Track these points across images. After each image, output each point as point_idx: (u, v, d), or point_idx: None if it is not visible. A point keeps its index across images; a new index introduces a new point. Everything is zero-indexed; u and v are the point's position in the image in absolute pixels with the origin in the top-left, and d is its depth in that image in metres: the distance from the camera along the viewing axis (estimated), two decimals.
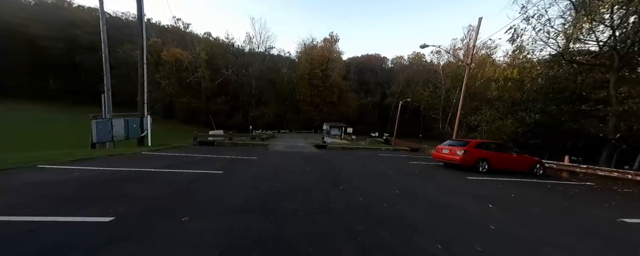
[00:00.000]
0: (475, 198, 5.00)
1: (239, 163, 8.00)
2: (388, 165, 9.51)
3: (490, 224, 3.47)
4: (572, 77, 12.82)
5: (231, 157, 9.29)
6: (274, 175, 6.14)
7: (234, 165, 7.42)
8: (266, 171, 6.72)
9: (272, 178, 5.74)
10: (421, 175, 7.54)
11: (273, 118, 47.85)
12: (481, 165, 8.70)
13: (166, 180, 5.04)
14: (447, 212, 3.96)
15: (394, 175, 7.31)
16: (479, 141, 9.18)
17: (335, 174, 6.76)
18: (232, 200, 3.87)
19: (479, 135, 17.17)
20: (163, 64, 39.26)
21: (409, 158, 12.73)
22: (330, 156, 11.61)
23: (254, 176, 5.94)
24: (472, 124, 17.20)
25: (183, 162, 7.61)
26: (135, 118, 12.61)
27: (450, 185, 6.21)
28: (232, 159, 8.82)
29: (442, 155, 9.55)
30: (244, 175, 6.02)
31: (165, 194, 4.01)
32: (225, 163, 7.66)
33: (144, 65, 12.75)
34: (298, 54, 57.17)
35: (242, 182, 5.27)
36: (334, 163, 8.97)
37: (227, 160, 8.40)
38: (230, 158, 8.94)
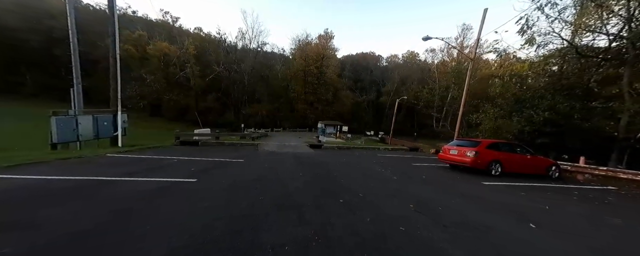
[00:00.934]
0: (508, 214, 4.06)
1: (220, 167, 6.85)
2: (390, 167, 8.54)
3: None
4: (579, 73, 12.18)
5: (213, 160, 8.12)
6: (259, 184, 5.05)
7: (213, 170, 6.27)
8: (251, 178, 5.61)
9: (255, 188, 4.65)
10: (431, 181, 6.58)
11: (266, 116, 46.43)
12: (494, 167, 7.84)
13: (114, 195, 3.86)
14: (486, 240, 2.96)
15: (401, 181, 6.32)
16: (490, 141, 8.31)
17: (332, 181, 5.72)
18: (192, 228, 2.76)
19: (481, 134, 16.49)
20: (149, 59, 37.19)
21: (410, 159, 11.83)
22: (325, 157, 10.58)
23: (234, 185, 4.83)
24: (473, 122, 16.49)
25: (152, 166, 6.40)
26: (108, 115, 11.21)
27: (468, 195, 5.26)
28: (214, 162, 7.65)
29: (450, 157, 8.65)
30: (221, 184, 4.90)
31: (92, 224, 2.75)
32: (203, 168, 6.50)
33: (116, 55, 11.34)
34: (292, 50, 55.83)
35: (216, 195, 4.15)
36: (330, 167, 7.93)
37: (207, 164, 7.23)
38: (212, 161, 7.77)
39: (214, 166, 6.95)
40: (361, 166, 8.54)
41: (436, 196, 4.88)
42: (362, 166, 8.55)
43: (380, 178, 6.45)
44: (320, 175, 6.42)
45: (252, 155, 9.94)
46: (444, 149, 9.10)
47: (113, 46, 11.35)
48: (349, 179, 6.05)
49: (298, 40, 52.89)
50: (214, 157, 8.89)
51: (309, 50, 48.95)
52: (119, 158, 7.57)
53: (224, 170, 6.47)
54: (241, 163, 7.81)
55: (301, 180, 5.67)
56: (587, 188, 6.96)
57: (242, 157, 9.30)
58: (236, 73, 43.92)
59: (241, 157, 9.12)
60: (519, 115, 12.72)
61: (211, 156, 9.05)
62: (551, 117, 10.93)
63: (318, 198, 4.22)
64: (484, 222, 3.55)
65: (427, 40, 12.57)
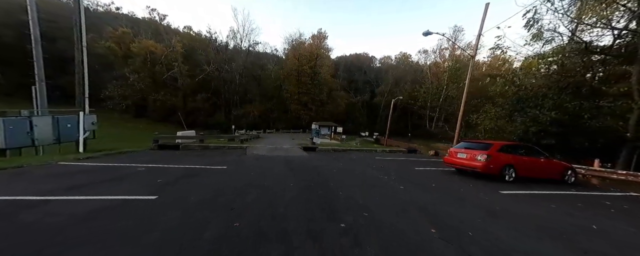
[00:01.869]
0: (553, 239, 3.19)
1: (195, 176, 5.76)
2: (392, 173, 7.65)
3: None
4: (583, 70, 11.71)
5: (190, 167, 7.00)
6: (239, 200, 4.02)
7: (184, 181, 5.18)
8: (230, 191, 4.57)
9: (231, 208, 3.62)
10: (442, 190, 5.70)
11: (259, 117, 45.06)
12: (507, 172, 7.06)
13: (21, 225, 2.76)
14: None
15: (409, 191, 5.41)
16: (502, 143, 7.55)
17: (330, 194, 4.75)
18: None
19: (480, 135, 15.91)
20: (133, 57, 35.29)
21: (411, 163, 11.01)
22: (320, 161, 9.60)
23: (204, 203, 3.78)
24: (473, 122, 15.90)
25: (109, 177, 5.26)
26: (72, 116, 9.86)
27: (492, 209, 4.39)
28: (190, 170, 6.54)
29: (457, 160, 7.84)
30: (187, 201, 3.85)
31: None
32: (173, 178, 5.40)
33: (82, 48, 10.04)
34: (285, 50, 54.77)
35: (175, 219, 3.10)
36: (326, 173, 6.95)
37: (180, 172, 6.12)
38: (188, 169, 6.66)
39: (188, 175, 5.84)
40: (360, 172, 7.60)
41: (456, 213, 3.98)
42: (361, 172, 7.61)
43: (385, 188, 5.52)
44: (315, 185, 5.43)
45: (238, 161, 8.85)
46: (451, 152, 8.29)
47: (79, 37, 10.00)
48: (349, 190, 5.09)
49: (291, 39, 51.96)
50: (193, 163, 7.77)
51: (303, 50, 48.01)
52: (72, 167, 6.35)
53: (199, 180, 5.39)
54: (223, 170, 6.73)
55: (292, 192, 4.67)
56: (614, 196, 6.25)
57: (225, 162, 8.20)
58: (227, 72, 42.51)
59: (225, 163, 8.02)
60: (522, 115, 12.13)
61: (189, 162, 7.91)
62: (558, 116, 10.36)
63: (313, 222, 3.24)
64: (530, 253, 2.66)
65: (427, 35, 11.85)
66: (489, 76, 17.92)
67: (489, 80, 16.74)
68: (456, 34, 49.87)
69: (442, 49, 52.76)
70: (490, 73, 18.31)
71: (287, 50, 53.86)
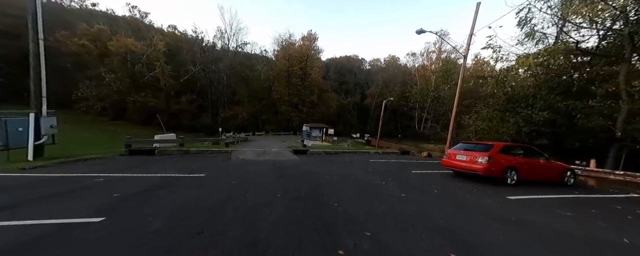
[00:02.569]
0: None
1: (166, 188, 4.89)
2: (390, 177, 7.09)
3: None
4: (572, 70, 11.80)
5: (161, 176, 6.09)
6: (213, 218, 3.25)
7: (150, 195, 4.33)
8: (203, 207, 3.78)
9: (201, 233, 2.85)
10: (447, 197, 5.18)
11: (247, 119, 43.61)
12: (509, 175, 6.69)
13: None
14: None
15: (412, 198, 4.84)
16: (503, 144, 7.20)
17: (323, 206, 4.06)
18: None
19: (472, 135, 15.84)
20: (110, 56, 33.04)
21: (406, 165, 10.56)
22: (312, 165, 8.91)
23: (169, 225, 2.98)
24: (465, 122, 15.81)
25: (52, 193, 4.29)
26: (25, 118, 8.56)
27: (506, 220, 3.89)
28: (160, 180, 5.64)
29: (457, 163, 7.41)
30: (146, 224, 3.03)
31: None
32: (135, 192, 4.52)
33: (38, 40, 8.78)
34: (275, 52, 53.75)
35: (122, 252, 2.31)
36: (319, 180, 6.27)
37: (146, 184, 5.22)
38: (157, 179, 5.75)
39: (156, 187, 4.97)
40: (356, 177, 6.98)
41: (472, 228, 3.42)
42: (357, 177, 6.99)
43: (385, 197, 4.91)
44: (306, 195, 4.73)
45: (220, 167, 7.97)
46: (449, 154, 7.86)
47: (34, 26, 8.75)
48: (346, 201, 4.44)
49: (281, 39, 51.05)
50: (166, 171, 6.84)
51: (293, 51, 47.27)
52: (11, 179, 5.28)
53: (167, 193, 4.53)
54: (199, 180, 5.88)
55: (279, 206, 3.94)
56: (620, 199, 6.00)
57: (205, 169, 7.32)
58: (214, 73, 40.91)
59: (204, 170, 7.14)
60: (514, 115, 12.06)
61: (163, 170, 6.97)
62: (551, 116, 10.29)
63: (302, 249, 2.54)
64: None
65: (421, 33, 11.54)
66: (478, 77, 18.02)
67: (480, 82, 16.75)
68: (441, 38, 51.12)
69: (429, 52, 54.24)
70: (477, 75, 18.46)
71: (277, 51, 52.96)
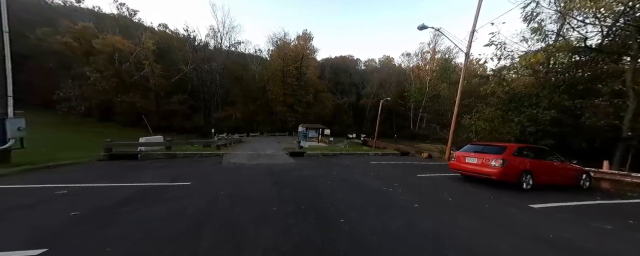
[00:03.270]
0: None
1: (139, 202, 4.13)
2: (395, 182, 6.48)
3: None
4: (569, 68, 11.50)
5: (138, 186, 5.31)
6: (189, 245, 2.55)
7: (116, 213, 3.57)
8: (178, 228, 3.06)
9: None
10: (465, 208, 4.59)
11: (242, 120, 42.56)
12: (525, 180, 6.18)
13: None
14: None
15: (427, 210, 4.23)
16: (517, 145, 6.67)
17: (328, 223, 3.40)
18: None
19: (473, 136, 15.46)
20: (96, 55, 31.54)
21: (410, 168, 9.99)
22: (310, 169, 8.23)
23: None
24: (466, 123, 15.40)
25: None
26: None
27: (545, 238, 3.31)
28: (137, 191, 4.87)
29: (466, 166, 6.86)
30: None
31: None
32: (102, 208, 3.76)
33: (3, 33, 7.79)
34: (270, 51, 52.84)
35: None
36: (319, 187, 5.60)
37: (119, 197, 4.44)
38: (135, 190, 4.97)
39: (127, 201, 4.20)
40: (360, 183, 6.34)
41: (508, 249, 2.82)
42: (361, 183, 6.35)
43: (397, 208, 4.28)
44: (306, 208, 4.05)
45: (209, 173, 7.21)
46: (458, 156, 7.31)
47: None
48: (353, 215, 3.78)
49: (275, 38, 50.06)
50: (147, 179, 6.04)
51: (288, 50, 46.51)
52: None
53: (138, 210, 3.78)
54: (182, 190, 5.12)
55: (274, 226, 3.26)
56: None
57: (191, 176, 6.55)
58: (206, 72, 39.72)
59: (190, 177, 6.37)
60: (518, 115, 11.68)
61: (143, 178, 6.18)
62: (558, 115, 9.92)
63: None
64: None
65: (422, 29, 11.05)
66: (476, 76, 17.71)
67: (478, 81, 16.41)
68: (436, 38, 51.92)
69: (424, 52, 54.52)
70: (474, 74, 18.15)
71: (272, 51, 52.08)
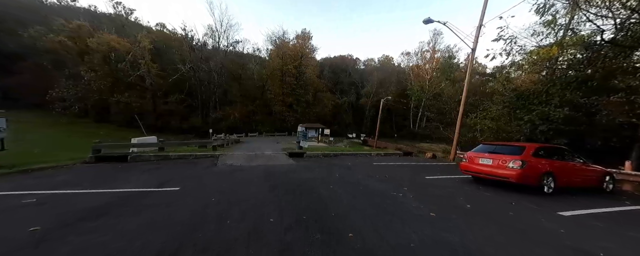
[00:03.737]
0: None
1: (109, 214, 3.58)
2: (404, 186, 5.96)
3: None
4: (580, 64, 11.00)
5: (123, 192, 4.76)
6: None
7: (83, 228, 3.01)
8: (155, 247, 2.52)
9: None
10: (487, 217, 4.07)
11: (240, 120, 41.97)
12: (546, 183, 5.67)
13: None
14: None
15: (445, 220, 3.70)
16: (536, 145, 6.15)
17: (335, 238, 2.86)
18: None
19: (478, 135, 14.98)
20: (91, 54, 30.85)
21: (415, 169, 9.48)
22: (311, 172, 7.70)
23: None
24: (471, 121, 14.92)
25: None
26: None
27: (581, 250, 2.79)
28: (117, 199, 4.32)
29: (480, 168, 6.34)
30: None
31: None
32: (65, 222, 3.20)
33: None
34: (268, 51, 52.22)
35: None
36: (322, 193, 5.06)
37: (94, 205, 3.89)
38: (115, 197, 4.42)
39: (99, 212, 3.65)
40: (366, 187, 5.81)
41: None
42: (367, 187, 5.82)
43: (412, 218, 3.75)
44: (308, 218, 3.52)
45: (202, 176, 6.66)
46: (470, 157, 6.79)
47: None
48: (364, 226, 3.25)
49: (274, 37, 49.39)
50: (130, 184, 5.49)
51: (287, 49, 45.93)
52: None
53: (112, 223, 3.23)
54: (168, 197, 4.58)
55: (270, 245, 2.72)
56: None
57: (182, 180, 6.00)
58: (204, 71, 39.09)
59: (180, 181, 5.82)
60: (527, 113, 11.18)
61: (126, 183, 5.62)
62: (572, 113, 9.42)
63: None
64: None
65: (428, 23, 10.53)
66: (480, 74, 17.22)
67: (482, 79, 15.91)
68: (435, 37, 51.70)
69: (423, 51, 54.20)
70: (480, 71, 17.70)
71: (271, 50, 51.50)
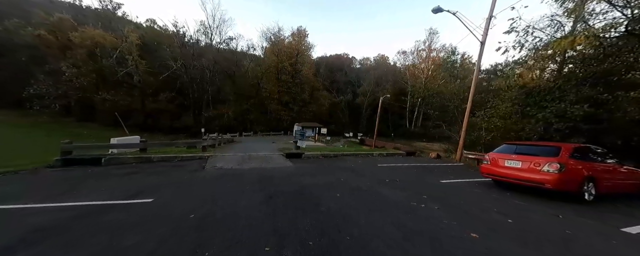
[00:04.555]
0: None
1: (47, 238, 2.59)
2: (422, 194, 5.11)
3: None
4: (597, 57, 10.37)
5: (74, 207, 3.74)
6: None
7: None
8: None
9: None
10: (535, 235, 3.23)
11: (234, 119, 40.65)
12: (587, 189, 4.90)
13: None
14: None
15: (491, 244, 2.85)
16: (573, 145, 5.36)
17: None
18: None
19: (484, 134, 14.31)
20: (73, 49, 29.01)
21: (424, 171, 8.67)
22: (313, 176, 6.77)
23: None
24: (478, 119, 14.22)
25: None
26: None
27: None
28: (66, 216, 3.30)
29: (506, 172, 5.53)
30: None
31: None
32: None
33: None
34: (263, 49, 50.89)
35: None
36: (329, 205, 4.14)
37: (26, 227, 2.88)
38: (66, 212, 3.40)
39: (34, 238, 2.65)
40: (378, 195, 4.92)
41: None
42: (379, 195, 4.93)
43: (449, 241, 2.88)
44: (316, 245, 2.60)
45: (184, 183, 5.65)
46: (493, 159, 5.98)
47: None
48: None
49: (269, 34, 48.10)
50: (92, 195, 4.46)
51: (282, 46, 44.76)
52: None
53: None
54: (136, 211, 3.58)
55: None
56: None
57: (159, 188, 4.99)
58: (195, 68, 37.58)
59: (156, 190, 4.81)
60: (540, 110, 10.51)
61: (88, 194, 4.59)
62: (592, 110, 8.77)
63: None
64: None
65: (437, 12, 9.73)
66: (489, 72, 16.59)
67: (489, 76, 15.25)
68: (431, 37, 51.72)
69: (419, 50, 54.03)
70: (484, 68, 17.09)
71: (265, 48, 50.21)
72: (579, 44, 8.47)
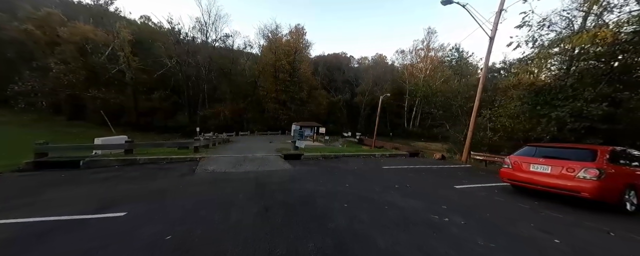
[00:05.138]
0: None
1: None
2: (443, 204, 4.48)
3: None
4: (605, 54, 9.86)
5: (27, 223, 3.01)
6: None
7: None
8: None
9: None
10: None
11: (231, 118, 39.73)
12: (628, 198, 4.31)
13: None
14: None
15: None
16: (609, 148, 4.74)
17: None
18: None
19: (491, 134, 13.76)
20: (62, 45, 27.84)
21: (433, 174, 8.05)
22: (313, 181, 6.09)
23: None
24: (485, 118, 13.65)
25: None
26: None
27: None
28: (8, 238, 2.58)
29: (533, 177, 4.92)
30: None
31: None
32: None
33: None
34: (261, 46, 49.97)
35: None
36: (336, 218, 3.47)
37: None
38: (14, 231, 2.67)
39: None
40: (392, 206, 4.27)
41: None
42: (393, 206, 4.28)
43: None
44: None
45: (168, 191, 4.93)
46: (515, 162, 5.36)
47: None
48: None
49: (267, 32, 47.09)
50: (56, 207, 3.72)
51: (280, 44, 43.88)
52: None
53: None
54: (102, 231, 2.87)
55: None
56: None
57: (136, 198, 4.27)
58: (191, 66, 36.58)
59: (131, 201, 4.09)
60: (553, 109, 9.97)
61: (52, 205, 3.86)
62: (611, 110, 8.24)
63: None
64: None
65: (446, 4, 9.11)
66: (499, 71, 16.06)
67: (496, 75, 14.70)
68: (429, 36, 51.69)
69: (417, 50, 53.84)
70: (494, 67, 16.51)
71: (263, 46, 49.29)
72: (603, 37, 7.91)
